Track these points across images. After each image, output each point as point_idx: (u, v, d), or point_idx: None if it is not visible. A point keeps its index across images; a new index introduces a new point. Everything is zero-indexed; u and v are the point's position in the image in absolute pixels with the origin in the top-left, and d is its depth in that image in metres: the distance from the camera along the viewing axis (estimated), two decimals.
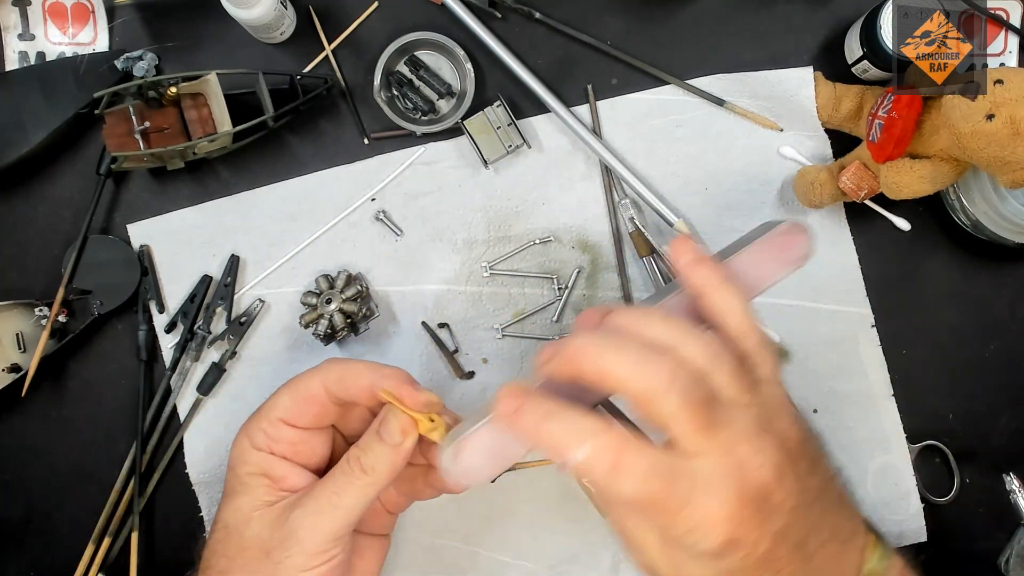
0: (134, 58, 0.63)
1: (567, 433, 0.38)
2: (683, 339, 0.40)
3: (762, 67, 0.66)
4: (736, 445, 0.38)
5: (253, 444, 0.50)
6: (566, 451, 0.38)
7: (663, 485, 0.38)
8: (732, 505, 0.38)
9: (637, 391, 0.38)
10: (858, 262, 0.67)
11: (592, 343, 0.39)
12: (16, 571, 0.65)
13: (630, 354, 0.38)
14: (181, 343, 0.65)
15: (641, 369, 0.38)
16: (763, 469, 0.39)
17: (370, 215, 0.66)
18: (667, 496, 0.38)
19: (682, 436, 0.38)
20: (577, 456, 0.38)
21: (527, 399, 0.40)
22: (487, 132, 0.64)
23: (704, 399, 0.38)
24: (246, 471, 0.50)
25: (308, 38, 0.66)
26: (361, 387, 0.50)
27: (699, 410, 0.38)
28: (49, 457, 0.66)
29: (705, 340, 0.40)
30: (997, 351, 0.68)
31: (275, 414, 0.50)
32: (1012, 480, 0.63)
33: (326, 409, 0.51)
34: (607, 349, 0.39)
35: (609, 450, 0.38)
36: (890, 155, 0.58)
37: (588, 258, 0.67)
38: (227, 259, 0.65)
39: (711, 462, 0.38)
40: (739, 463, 0.38)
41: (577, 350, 0.39)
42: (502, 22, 0.67)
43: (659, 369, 0.38)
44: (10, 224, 0.66)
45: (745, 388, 0.40)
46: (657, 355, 0.38)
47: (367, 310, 0.64)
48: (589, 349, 0.39)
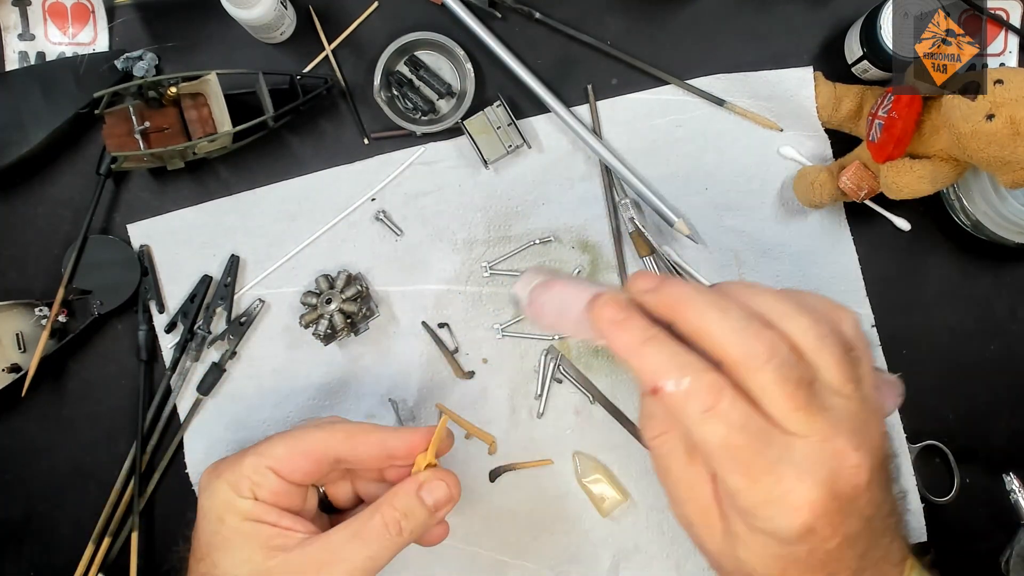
0: (134, 58, 0.63)
1: (669, 361, 0.37)
2: (792, 315, 0.38)
3: (762, 67, 0.66)
4: (836, 435, 0.37)
5: (238, 492, 0.47)
6: (662, 378, 0.37)
7: (752, 442, 0.36)
8: (821, 494, 0.36)
9: (734, 356, 0.36)
10: (858, 262, 0.67)
11: (697, 296, 0.38)
12: (16, 571, 0.65)
13: (733, 318, 0.37)
14: (181, 343, 0.65)
15: (741, 336, 0.36)
16: (860, 469, 0.37)
17: (370, 215, 0.66)
18: (753, 455, 0.36)
19: (779, 412, 0.36)
20: (673, 386, 0.36)
21: (633, 315, 0.38)
22: (487, 132, 0.64)
23: (802, 379, 0.36)
24: (240, 519, 0.47)
25: (308, 38, 0.66)
26: (371, 449, 0.49)
27: (797, 389, 0.36)
28: (49, 457, 0.66)
29: (814, 319, 0.38)
30: (997, 351, 0.68)
31: (264, 462, 0.48)
32: (1012, 480, 0.63)
33: (321, 468, 0.49)
34: (711, 307, 0.37)
35: (710, 390, 0.36)
36: (890, 155, 0.58)
37: (588, 258, 0.67)
38: (227, 259, 0.65)
39: (808, 444, 0.36)
40: (837, 454, 0.37)
41: (680, 297, 0.38)
42: (502, 22, 0.67)
43: (759, 339, 0.36)
44: (10, 224, 0.66)
45: (848, 378, 0.38)
46: (759, 325, 0.37)
47: (367, 310, 0.64)
48: (694, 301, 0.38)
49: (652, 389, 0.37)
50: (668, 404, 0.37)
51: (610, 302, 0.39)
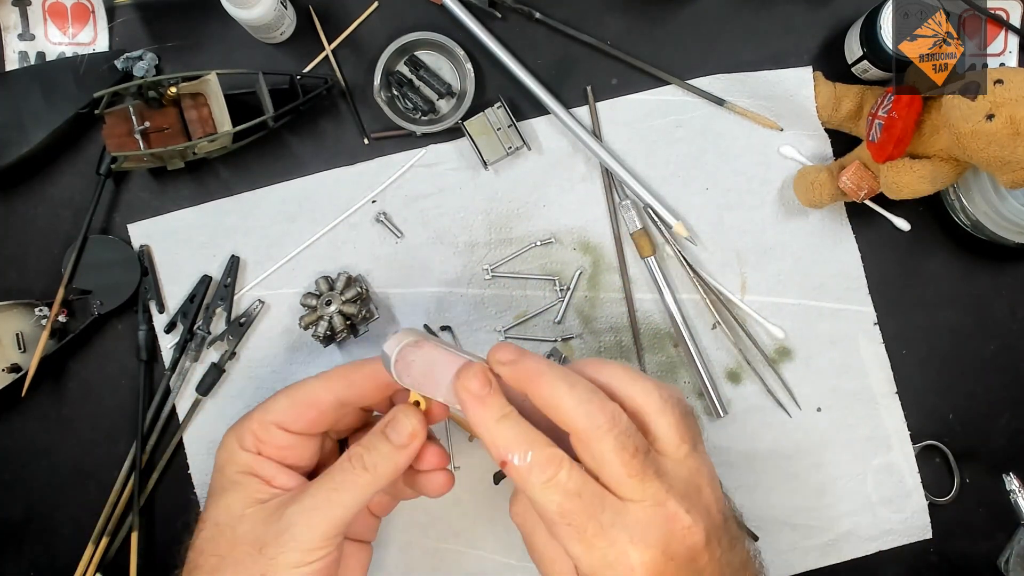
0: (134, 58, 0.63)
1: (516, 438, 0.42)
2: (637, 380, 0.44)
3: (762, 67, 0.66)
4: (668, 499, 0.41)
5: (241, 445, 0.50)
6: (509, 452, 0.41)
7: (587, 508, 0.40)
8: (655, 556, 0.39)
9: (577, 428, 0.41)
10: (860, 260, 0.67)
11: (549, 371, 0.42)
12: (16, 571, 0.65)
13: (580, 391, 0.42)
14: (180, 343, 0.65)
15: (585, 408, 0.41)
16: (693, 531, 0.41)
17: (370, 217, 0.66)
18: (587, 520, 0.40)
19: (615, 478, 0.40)
20: (518, 460, 0.41)
21: (492, 394, 0.43)
22: (487, 133, 0.64)
23: (639, 448, 0.41)
24: (235, 470, 0.50)
25: (308, 38, 0.66)
26: (367, 382, 0.51)
27: (633, 457, 0.40)
28: (49, 457, 0.66)
29: (657, 384, 0.44)
30: (997, 351, 0.68)
31: (269, 418, 0.50)
32: (1012, 480, 0.63)
33: (324, 415, 0.51)
34: (561, 381, 0.42)
35: (550, 462, 0.41)
36: (890, 155, 0.58)
37: (590, 260, 0.67)
38: (226, 260, 0.65)
39: (641, 508, 0.40)
40: (669, 517, 0.40)
41: (534, 372, 0.43)
42: (502, 22, 0.67)
43: (602, 410, 0.41)
44: (10, 224, 0.66)
45: (684, 439, 0.43)
46: (602, 399, 0.42)
47: (367, 312, 0.64)
48: (545, 376, 0.42)
49: (501, 462, 0.42)
50: (514, 476, 0.41)
51: (475, 376, 0.44)
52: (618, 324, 0.67)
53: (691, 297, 0.67)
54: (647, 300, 0.67)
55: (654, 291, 0.66)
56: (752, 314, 0.66)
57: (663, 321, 0.67)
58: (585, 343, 0.67)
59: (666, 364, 0.67)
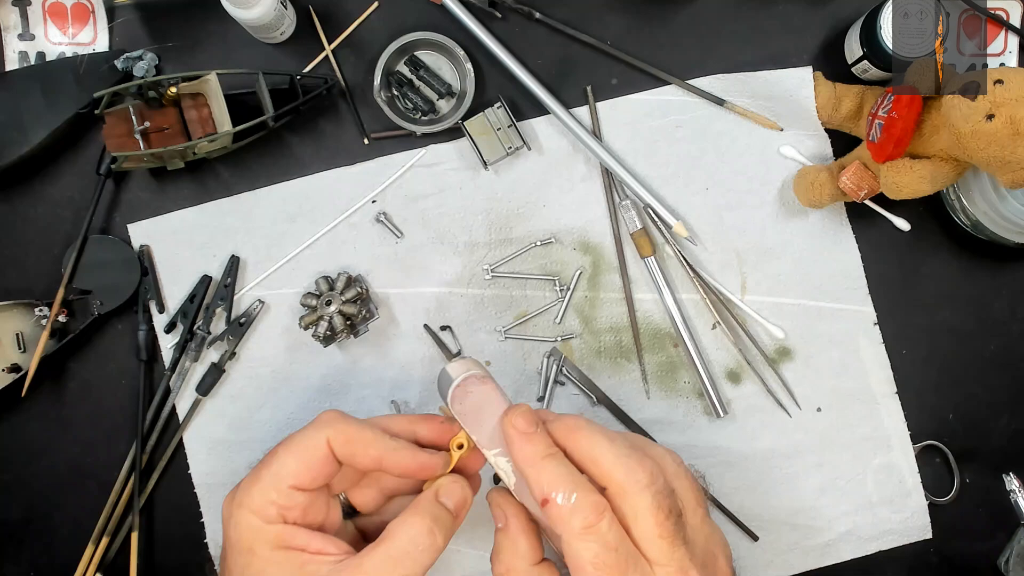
0: (134, 58, 0.63)
1: (562, 477, 0.41)
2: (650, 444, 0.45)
3: (762, 67, 0.66)
4: (691, 568, 0.40)
5: (265, 519, 0.46)
6: (553, 490, 0.41)
7: (621, 563, 0.39)
8: None
9: (619, 480, 0.41)
10: (860, 260, 0.67)
11: (587, 426, 0.43)
12: (16, 571, 0.65)
13: (619, 447, 0.42)
14: (180, 343, 0.65)
15: (624, 462, 0.41)
16: None
17: (370, 217, 0.66)
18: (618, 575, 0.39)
19: (646, 538, 0.40)
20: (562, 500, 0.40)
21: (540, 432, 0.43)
22: (487, 133, 0.64)
23: (672, 510, 0.41)
24: (269, 549, 0.45)
25: (308, 38, 0.66)
26: (371, 458, 0.47)
27: (667, 518, 0.40)
28: (49, 457, 0.66)
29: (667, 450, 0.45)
30: (997, 351, 0.68)
31: (287, 482, 0.46)
32: (1012, 480, 0.63)
33: (334, 467, 0.48)
34: (600, 435, 0.42)
35: (594, 508, 0.40)
36: (890, 155, 0.58)
37: (590, 259, 0.67)
38: (226, 260, 0.65)
39: (666, 573, 0.40)
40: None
41: (573, 427, 0.43)
42: (502, 22, 0.67)
43: (642, 466, 0.41)
44: (10, 224, 0.66)
45: (699, 506, 0.43)
46: (640, 455, 0.42)
47: (367, 312, 0.64)
48: (584, 430, 0.43)
49: (543, 500, 0.41)
50: (553, 516, 0.41)
51: (525, 414, 0.44)
52: (618, 324, 0.67)
53: (691, 297, 0.67)
54: (647, 300, 0.67)
55: (654, 291, 0.66)
56: (752, 314, 0.66)
57: (663, 321, 0.67)
58: (585, 343, 0.67)
59: (666, 364, 0.67)
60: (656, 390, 0.67)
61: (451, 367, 0.47)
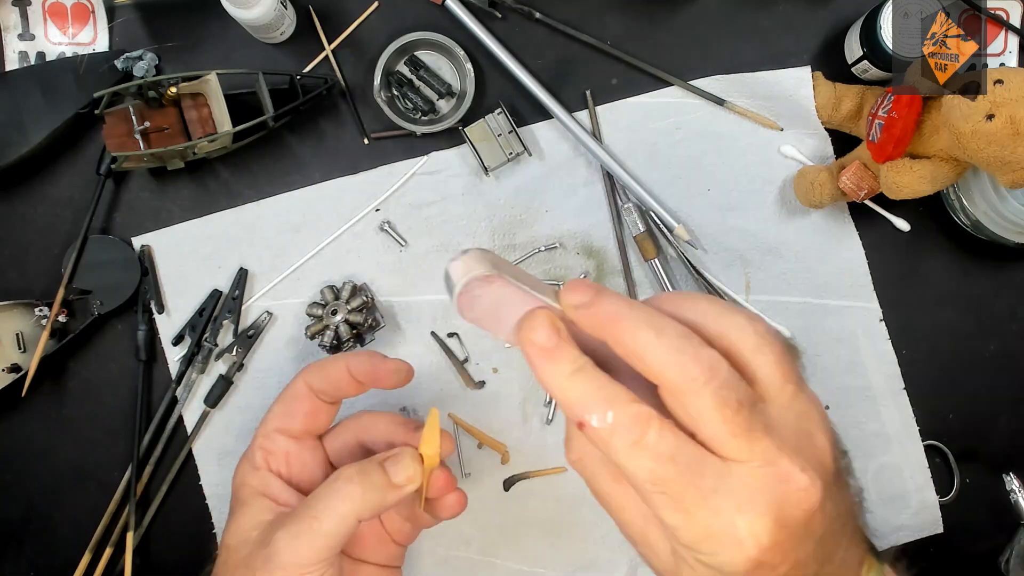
0: (134, 58, 0.63)
1: (593, 395, 0.35)
2: (729, 314, 0.37)
3: (762, 67, 0.66)
4: (780, 457, 0.34)
5: (253, 464, 0.52)
6: (586, 412, 0.35)
7: (684, 474, 0.34)
8: (767, 524, 0.33)
9: (669, 381, 0.34)
10: (864, 257, 0.67)
11: (631, 314, 0.35)
12: (16, 571, 0.65)
13: (669, 337, 0.34)
14: (187, 356, 0.64)
15: (678, 358, 0.34)
16: (810, 492, 0.34)
17: (374, 226, 0.66)
18: (685, 488, 0.34)
19: (716, 438, 0.34)
20: (597, 422, 0.34)
21: (561, 346, 0.36)
22: (488, 140, 0.64)
23: (743, 402, 0.34)
24: (247, 492, 0.51)
25: (308, 38, 0.66)
26: (339, 368, 0.52)
27: (737, 412, 0.34)
28: (49, 457, 0.66)
29: (751, 318, 0.37)
30: (997, 351, 0.68)
31: (269, 426, 0.53)
32: (1012, 480, 0.63)
33: (316, 408, 0.53)
34: (645, 326, 0.35)
35: (636, 422, 0.34)
36: (890, 155, 0.58)
37: (594, 263, 0.67)
38: (232, 271, 0.65)
39: (749, 470, 0.34)
40: (782, 478, 0.34)
41: (613, 316, 0.35)
42: (502, 22, 0.67)
43: (697, 360, 0.34)
44: (10, 224, 0.65)
45: (788, 379, 0.36)
46: (696, 345, 0.34)
47: (372, 321, 0.64)
48: (627, 320, 0.35)
49: (578, 424, 0.35)
50: (594, 440, 0.35)
51: (541, 325, 0.37)
52: None
53: None
54: None
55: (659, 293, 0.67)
56: (757, 314, 0.66)
57: None
58: None
59: None
60: None
61: (452, 268, 0.39)
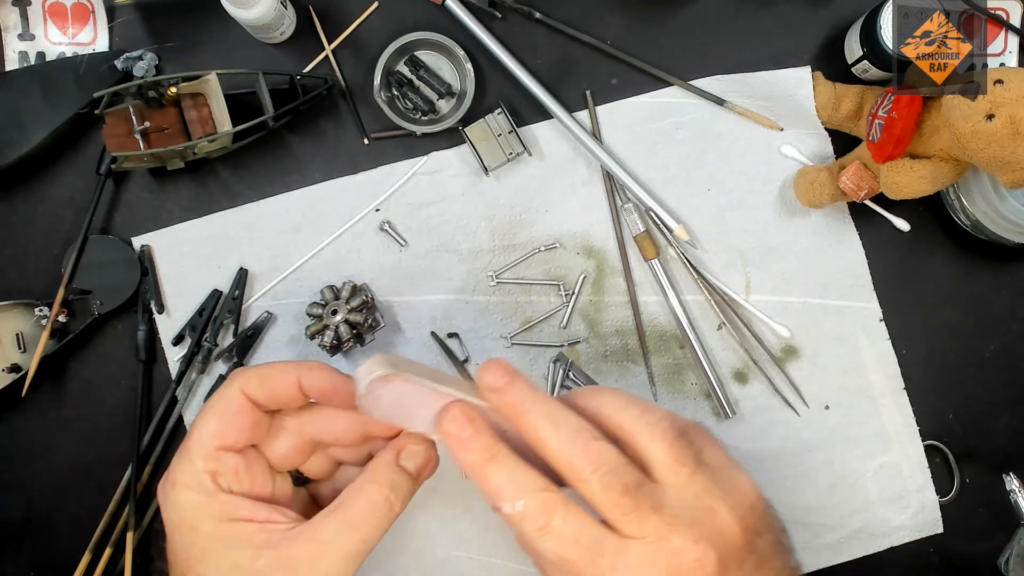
0: (134, 58, 0.63)
1: (507, 483, 0.39)
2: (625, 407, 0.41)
3: (762, 67, 0.66)
4: (671, 532, 0.38)
5: (202, 491, 0.43)
6: (500, 499, 0.39)
7: (585, 553, 0.38)
8: None
9: (564, 469, 0.39)
10: (864, 256, 0.67)
11: (533, 408, 0.40)
12: (16, 571, 0.65)
13: (563, 432, 0.40)
14: (187, 356, 0.64)
15: (568, 450, 0.39)
16: (703, 562, 0.38)
17: (374, 226, 0.66)
18: (587, 565, 0.38)
19: (612, 518, 0.38)
20: (508, 508, 0.39)
21: (479, 435, 0.41)
22: (488, 139, 0.64)
23: (628, 485, 0.38)
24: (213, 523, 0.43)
25: (308, 38, 0.66)
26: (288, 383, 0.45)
27: (623, 495, 0.38)
28: (49, 457, 0.66)
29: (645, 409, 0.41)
30: (997, 351, 0.68)
31: (210, 445, 0.44)
32: (1012, 480, 0.63)
33: (259, 420, 0.45)
34: (545, 420, 0.40)
35: (542, 509, 0.38)
36: (890, 155, 0.58)
37: (594, 263, 0.67)
38: (232, 271, 0.65)
39: (644, 547, 0.38)
40: (674, 552, 0.38)
41: (520, 409, 0.41)
42: (502, 22, 0.67)
43: (585, 451, 0.39)
44: (10, 224, 0.65)
45: (682, 462, 0.40)
46: (586, 439, 0.39)
47: (373, 321, 0.64)
48: (530, 414, 0.40)
49: (494, 508, 0.40)
50: (509, 523, 0.39)
51: (456, 419, 0.41)
52: (623, 327, 0.67)
53: (696, 298, 0.67)
54: (652, 302, 0.67)
55: (659, 293, 0.66)
56: (757, 314, 0.66)
57: (668, 323, 0.67)
58: (591, 347, 0.67)
59: (672, 366, 0.67)
60: (663, 392, 0.67)
61: (357, 372, 0.42)
